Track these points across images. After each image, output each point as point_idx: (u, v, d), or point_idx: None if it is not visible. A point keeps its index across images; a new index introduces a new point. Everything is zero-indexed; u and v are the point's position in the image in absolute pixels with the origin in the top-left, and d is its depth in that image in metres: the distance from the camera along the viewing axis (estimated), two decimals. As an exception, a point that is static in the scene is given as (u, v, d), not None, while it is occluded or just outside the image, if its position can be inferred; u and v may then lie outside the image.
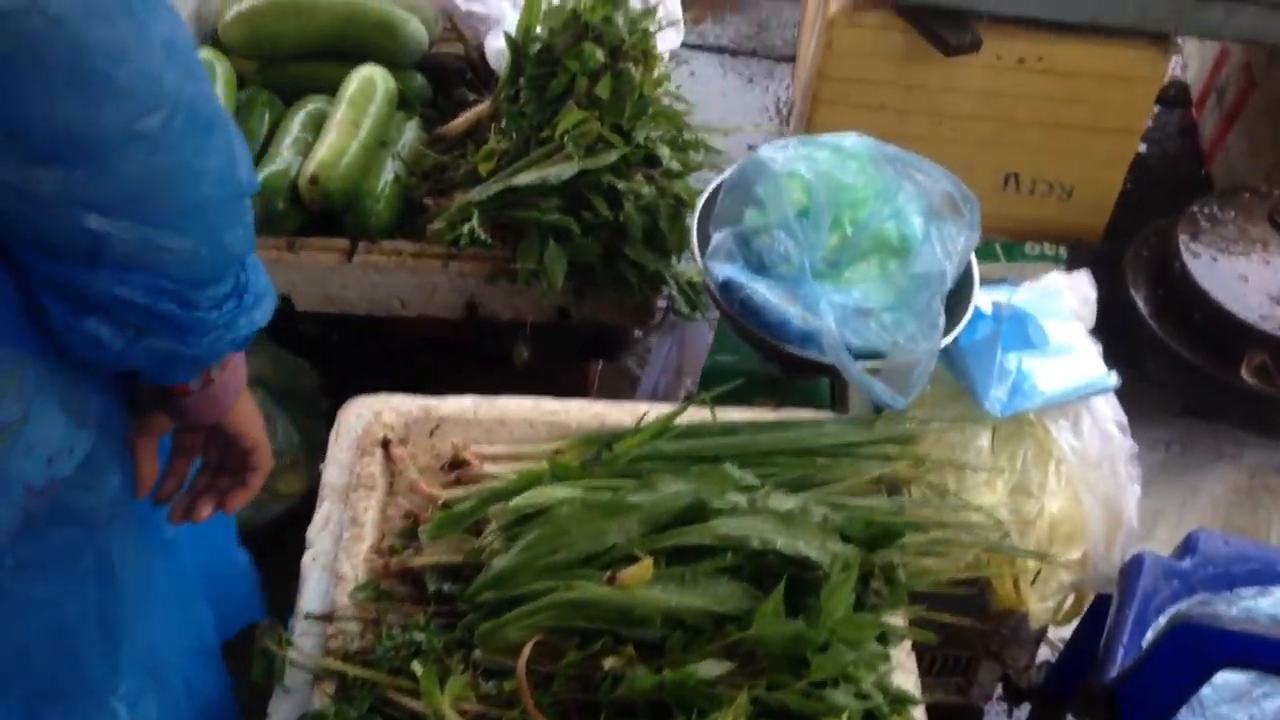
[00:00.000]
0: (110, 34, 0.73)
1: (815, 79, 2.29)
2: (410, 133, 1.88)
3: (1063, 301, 1.68)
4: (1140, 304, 2.03)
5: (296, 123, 1.82)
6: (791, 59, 2.89)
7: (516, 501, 1.23)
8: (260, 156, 1.80)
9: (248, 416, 1.07)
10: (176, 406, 1.00)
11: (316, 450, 1.42)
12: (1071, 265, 2.35)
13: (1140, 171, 2.43)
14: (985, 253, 2.40)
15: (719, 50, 2.92)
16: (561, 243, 1.69)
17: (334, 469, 1.35)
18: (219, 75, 1.81)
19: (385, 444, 1.36)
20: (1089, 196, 2.34)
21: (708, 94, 2.82)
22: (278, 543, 1.68)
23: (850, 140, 1.56)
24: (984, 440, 1.52)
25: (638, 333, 2.08)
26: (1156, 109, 2.79)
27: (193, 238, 0.85)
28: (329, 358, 1.96)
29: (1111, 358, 1.77)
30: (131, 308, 0.85)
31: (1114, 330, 2.10)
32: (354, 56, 1.91)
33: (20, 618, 0.97)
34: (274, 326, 1.85)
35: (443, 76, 2.01)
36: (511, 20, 1.92)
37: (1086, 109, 2.20)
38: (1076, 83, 2.17)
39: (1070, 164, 2.30)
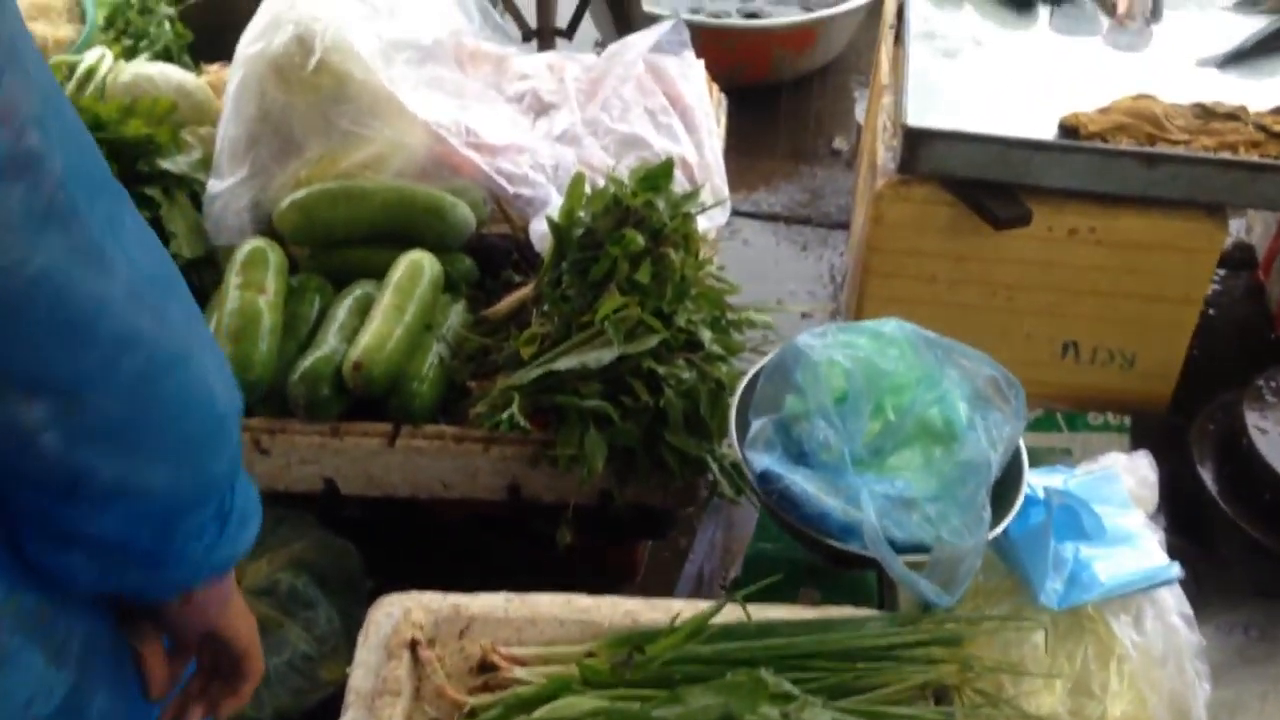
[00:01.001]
0: (92, 287, 0.75)
1: (865, 251, 2.29)
2: (456, 315, 1.90)
3: (1120, 486, 1.62)
4: (1208, 482, 1.95)
5: (343, 309, 1.85)
6: (845, 226, 2.89)
7: (541, 713, 1.19)
8: (308, 342, 1.83)
9: (237, 620, 1.05)
10: (160, 619, 0.99)
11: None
12: (1136, 436, 2.28)
13: (1206, 336, 2.36)
14: (1047, 423, 2.34)
15: (772, 218, 2.94)
16: (602, 428, 1.68)
17: (360, 672, 1.32)
18: (271, 264, 1.85)
19: (413, 646, 1.33)
20: (1152, 365, 2.27)
21: (762, 262, 2.83)
22: (317, 733, 1.65)
23: (890, 326, 1.54)
24: (1039, 637, 1.45)
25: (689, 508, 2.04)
26: (1221, 272, 2.74)
27: (174, 468, 0.85)
28: (373, 539, 1.94)
29: (1181, 536, 1.69)
30: (108, 542, 0.85)
31: (1182, 507, 2.02)
32: (404, 240, 1.95)
33: None
34: (319, 509, 1.86)
35: (490, 257, 2.04)
36: (557, 203, 1.95)
37: (1144, 279, 2.16)
38: (1132, 253, 2.13)
39: (1131, 333, 2.25)
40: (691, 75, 2.36)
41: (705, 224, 2.04)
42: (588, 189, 1.86)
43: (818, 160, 3.15)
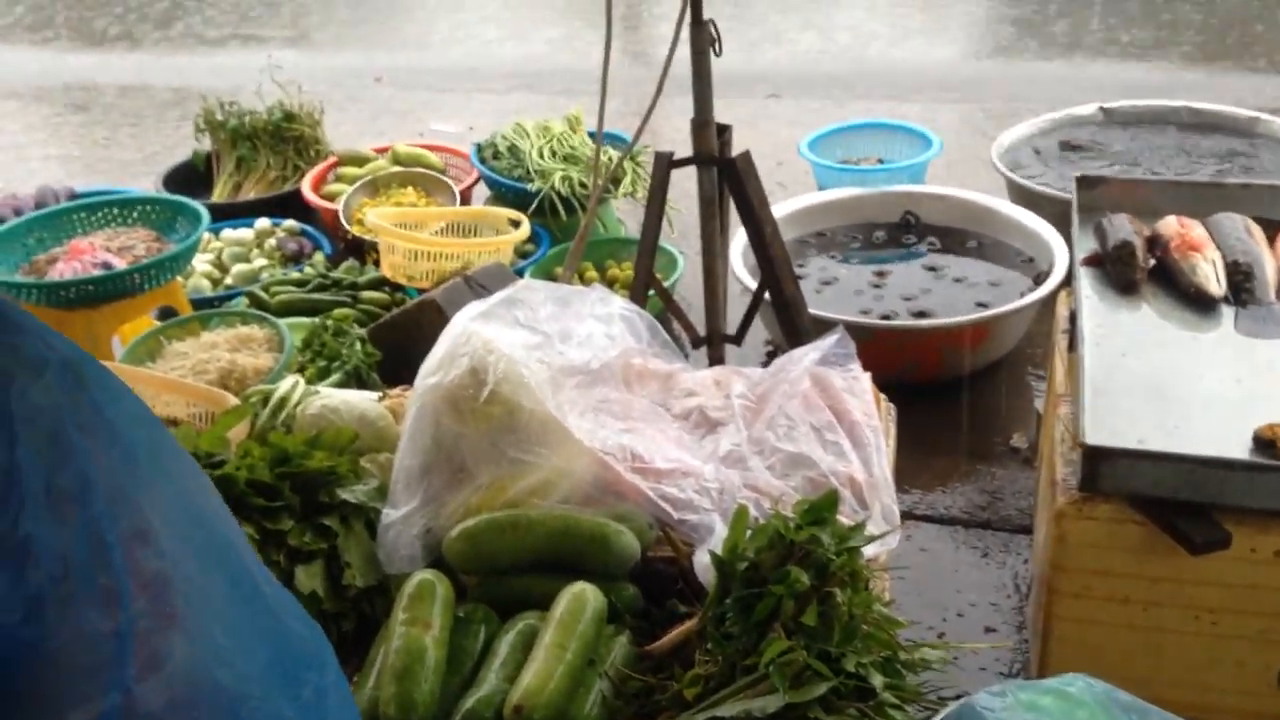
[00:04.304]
0: None
1: (1050, 569, 2.17)
2: (620, 648, 1.86)
3: None
4: None
5: (506, 643, 1.83)
6: (1028, 530, 2.77)
7: None
8: (471, 679, 1.81)
9: None
10: None
11: None
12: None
13: None
14: (1270, 766, 2.12)
15: (949, 521, 2.85)
16: (769, 784, 1.58)
17: None
18: (438, 597, 1.86)
19: None
20: (1387, 699, 2.05)
21: (940, 569, 2.72)
22: None
23: (1077, 685, 1.42)
24: None
25: None
26: None
27: None
28: None
29: None
30: None
31: None
32: (569, 568, 1.95)
33: None
34: None
35: (655, 584, 2.01)
36: (722, 530, 1.93)
37: (1365, 604, 1.97)
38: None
39: (1358, 662, 2.04)
40: (858, 389, 2.35)
41: (877, 549, 1.97)
42: (752, 518, 1.84)
43: (995, 459, 3.06)
